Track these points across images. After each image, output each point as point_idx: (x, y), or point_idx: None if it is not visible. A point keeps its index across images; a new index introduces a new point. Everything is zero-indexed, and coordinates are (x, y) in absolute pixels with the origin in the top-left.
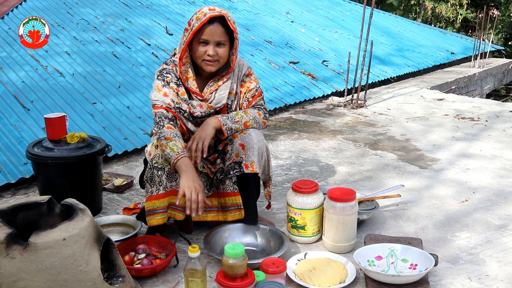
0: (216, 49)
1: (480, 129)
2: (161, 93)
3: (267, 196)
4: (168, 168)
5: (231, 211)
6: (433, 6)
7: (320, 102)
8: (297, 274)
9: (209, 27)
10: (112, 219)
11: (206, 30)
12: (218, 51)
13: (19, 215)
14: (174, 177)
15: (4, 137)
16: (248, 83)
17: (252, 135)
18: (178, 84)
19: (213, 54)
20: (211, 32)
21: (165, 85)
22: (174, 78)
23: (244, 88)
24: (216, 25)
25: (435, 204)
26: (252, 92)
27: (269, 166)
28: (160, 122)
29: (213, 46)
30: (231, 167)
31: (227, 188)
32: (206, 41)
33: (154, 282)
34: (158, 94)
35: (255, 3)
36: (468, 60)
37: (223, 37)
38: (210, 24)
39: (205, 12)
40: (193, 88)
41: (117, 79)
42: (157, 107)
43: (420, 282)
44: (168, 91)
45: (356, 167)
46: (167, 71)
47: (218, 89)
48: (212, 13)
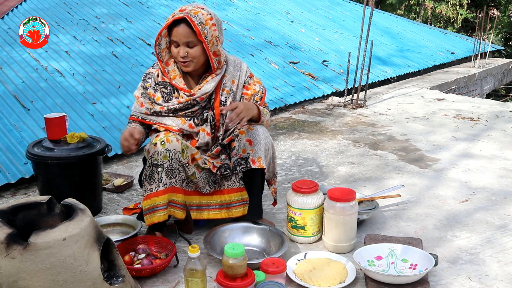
0: (187, 49)
1: (480, 129)
2: (138, 103)
3: (273, 193)
4: (167, 165)
5: (237, 207)
6: (433, 6)
7: (320, 102)
8: (297, 274)
9: (175, 29)
10: (112, 219)
11: (173, 31)
12: (189, 51)
13: (19, 215)
14: (174, 174)
15: (4, 137)
16: (252, 86)
17: (259, 131)
18: (155, 89)
19: (183, 55)
20: (178, 34)
21: (143, 92)
22: (153, 83)
23: (250, 91)
24: (182, 27)
25: (435, 204)
26: (259, 94)
27: (274, 163)
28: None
29: (183, 47)
30: (238, 163)
31: (233, 184)
32: (176, 43)
33: (154, 282)
34: (136, 105)
35: (255, 3)
36: (468, 60)
37: (190, 37)
38: (177, 26)
39: (174, 13)
40: (180, 85)
41: (117, 79)
42: (132, 117)
43: (420, 282)
44: (143, 101)
45: (356, 167)
46: (149, 76)
47: (206, 83)
48: (178, 14)
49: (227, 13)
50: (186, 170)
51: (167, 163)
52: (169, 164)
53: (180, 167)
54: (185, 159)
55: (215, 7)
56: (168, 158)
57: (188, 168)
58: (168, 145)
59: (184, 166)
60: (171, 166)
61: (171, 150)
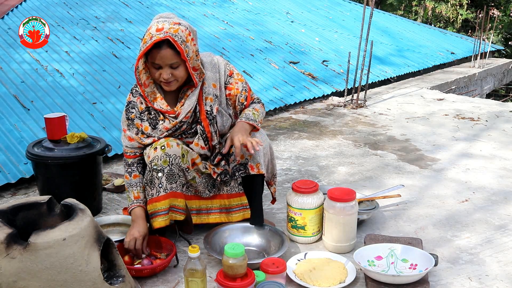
0: (171, 71)
1: (480, 129)
2: (126, 137)
3: (273, 193)
4: (168, 170)
5: (237, 212)
6: (433, 6)
7: (320, 102)
8: (297, 274)
9: (158, 52)
10: (112, 219)
11: (155, 54)
12: (173, 72)
13: (19, 215)
14: (174, 179)
15: (4, 137)
16: (234, 84)
17: (256, 136)
18: (141, 119)
19: (167, 77)
20: (161, 57)
21: (129, 124)
22: (137, 113)
23: (233, 91)
24: (164, 49)
25: (435, 204)
26: (243, 94)
27: (273, 164)
28: (126, 168)
29: (167, 69)
30: (236, 169)
31: (232, 189)
32: (159, 66)
33: (154, 282)
34: (125, 140)
35: (255, 3)
36: (468, 60)
37: (174, 59)
38: (159, 48)
39: (152, 35)
40: (163, 108)
41: (117, 79)
42: (126, 155)
43: (420, 282)
44: (131, 135)
45: (356, 167)
46: (132, 105)
47: (186, 99)
48: (158, 35)
49: (227, 13)
50: (186, 174)
51: (167, 168)
52: (169, 169)
53: (180, 172)
54: (185, 164)
55: (215, 7)
56: (168, 163)
57: (188, 173)
58: (168, 150)
59: (184, 171)
60: (171, 171)
61: (171, 155)
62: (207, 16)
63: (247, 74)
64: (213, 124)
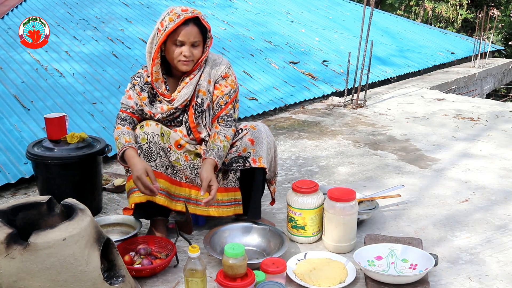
0: (192, 49)
1: (480, 129)
2: (126, 95)
3: (273, 193)
4: (146, 147)
5: (227, 206)
6: (433, 7)
7: (320, 102)
8: (297, 274)
9: (184, 29)
10: (112, 219)
11: (181, 31)
12: (193, 51)
13: (19, 215)
14: (153, 157)
15: (4, 137)
16: (223, 87)
17: (262, 130)
18: (142, 89)
19: (189, 55)
20: (187, 33)
21: (131, 87)
22: (141, 82)
23: (217, 91)
24: (191, 26)
25: (435, 204)
26: (225, 98)
27: (276, 163)
28: (117, 121)
29: (189, 47)
30: (235, 160)
31: (229, 183)
32: (182, 43)
33: (154, 282)
34: (124, 98)
35: (255, 3)
36: (468, 60)
37: (198, 37)
38: (185, 26)
39: (178, 13)
40: (161, 90)
41: (117, 79)
42: (121, 110)
43: (420, 282)
44: (132, 94)
45: (356, 167)
46: (138, 74)
47: (184, 86)
48: (185, 14)
49: (227, 13)
50: (168, 155)
51: (145, 145)
52: (147, 147)
53: (160, 151)
54: (166, 143)
55: (215, 7)
56: (146, 141)
57: (171, 153)
58: (147, 128)
59: (165, 150)
60: (150, 148)
61: (149, 133)
62: (207, 16)
63: (247, 74)
64: (200, 118)
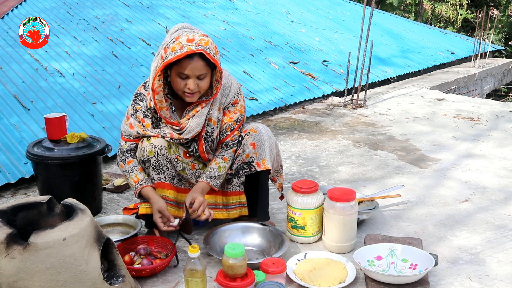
0: (197, 82)
1: (480, 129)
2: (127, 123)
3: (279, 188)
4: (154, 160)
5: (234, 209)
6: (433, 7)
7: (320, 102)
8: (297, 274)
9: (188, 63)
10: (112, 219)
11: (185, 65)
12: (199, 84)
13: (19, 215)
14: (161, 169)
15: (4, 137)
16: (232, 114)
17: (263, 132)
18: (145, 115)
19: (193, 88)
20: (192, 68)
21: (133, 114)
22: (144, 107)
23: (226, 118)
24: (196, 60)
25: (435, 204)
26: (232, 125)
27: (278, 161)
28: (120, 156)
29: (194, 79)
30: (240, 167)
31: (233, 187)
32: (186, 76)
33: (154, 282)
34: (125, 125)
35: (255, 3)
36: (468, 60)
37: (204, 70)
38: (190, 59)
39: (182, 44)
40: (168, 118)
41: (117, 79)
42: (122, 137)
43: (420, 282)
44: (133, 122)
45: (356, 167)
46: (141, 98)
47: (195, 115)
48: (189, 46)
49: (227, 13)
50: (175, 165)
51: (153, 158)
52: (155, 160)
53: (168, 163)
54: (173, 154)
55: (215, 7)
56: (154, 153)
57: (177, 163)
58: (154, 141)
59: (173, 161)
60: (158, 161)
61: (156, 145)
62: (207, 16)
63: (247, 74)
64: (209, 146)
